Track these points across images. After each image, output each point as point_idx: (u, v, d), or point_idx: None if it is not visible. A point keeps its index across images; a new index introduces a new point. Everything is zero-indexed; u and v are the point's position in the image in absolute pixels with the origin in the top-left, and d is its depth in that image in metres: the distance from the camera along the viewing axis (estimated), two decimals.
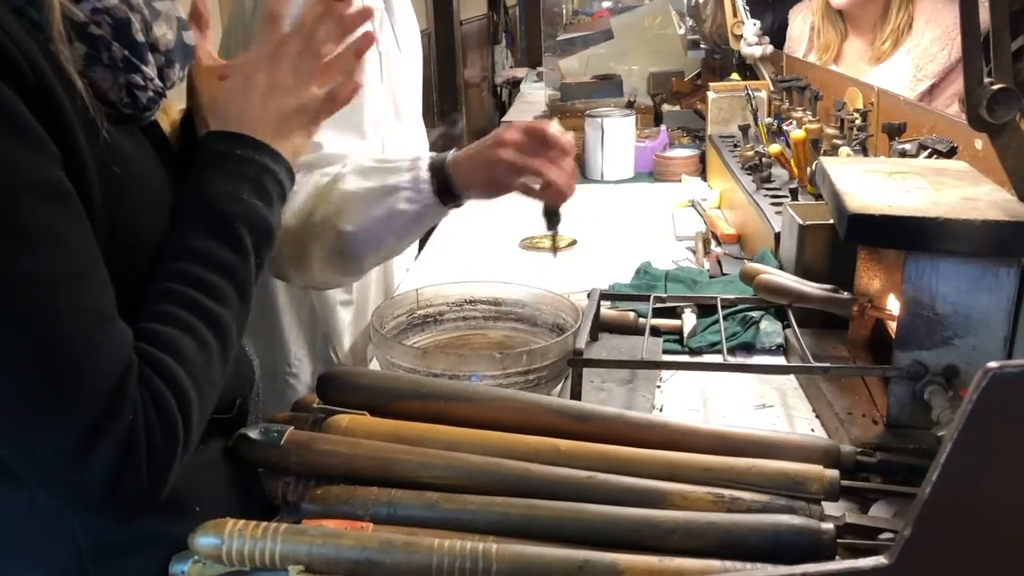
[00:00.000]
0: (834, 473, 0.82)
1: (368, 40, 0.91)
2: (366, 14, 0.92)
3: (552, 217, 1.54)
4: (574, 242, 1.79)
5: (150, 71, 0.77)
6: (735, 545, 0.75)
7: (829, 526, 0.75)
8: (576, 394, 1.03)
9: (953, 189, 0.99)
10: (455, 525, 0.79)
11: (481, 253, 1.76)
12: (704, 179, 2.23)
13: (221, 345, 0.78)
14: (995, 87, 0.89)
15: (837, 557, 0.78)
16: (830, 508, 0.83)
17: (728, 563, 0.72)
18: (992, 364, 0.54)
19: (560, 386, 1.12)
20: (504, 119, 1.76)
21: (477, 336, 1.26)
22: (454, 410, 0.92)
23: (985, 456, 0.55)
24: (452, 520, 0.80)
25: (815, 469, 0.82)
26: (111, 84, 0.74)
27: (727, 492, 0.81)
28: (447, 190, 1.12)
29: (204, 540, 0.73)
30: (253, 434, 0.86)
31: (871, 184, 1.01)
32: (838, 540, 0.77)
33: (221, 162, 0.83)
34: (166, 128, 0.98)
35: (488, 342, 1.25)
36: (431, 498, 0.81)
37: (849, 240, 0.92)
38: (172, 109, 1.00)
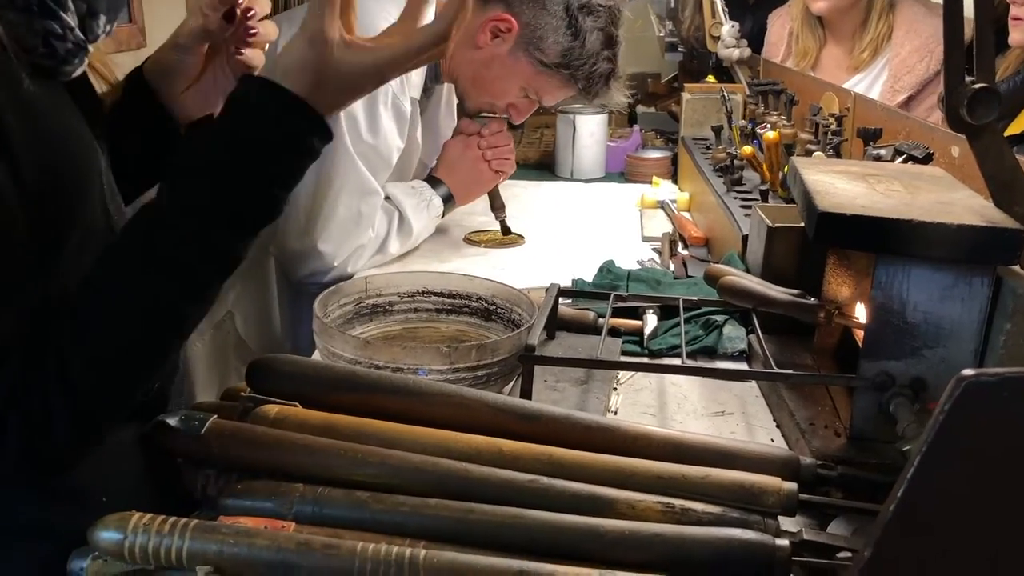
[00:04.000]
0: (792, 486, 0.77)
1: None
2: None
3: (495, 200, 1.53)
4: (522, 239, 1.73)
5: (69, 19, 0.70)
6: (683, 559, 0.70)
7: (784, 542, 0.70)
8: (526, 392, 0.98)
9: (928, 193, 0.95)
10: (385, 528, 0.73)
11: (436, 246, 1.69)
12: (675, 182, 2.18)
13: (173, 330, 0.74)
14: (976, 86, 0.85)
15: None
16: (787, 523, 0.78)
17: None
18: (967, 372, 0.49)
19: (512, 384, 1.06)
20: (481, 115, 1.72)
21: (428, 329, 1.20)
22: (393, 405, 0.86)
23: (956, 473, 0.50)
24: (382, 522, 0.74)
25: (772, 481, 0.77)
26: (25, 31, 0.68)
27: (678, 502, 0.75)
28: None
29: (105, 534, 0.67)
30: (172, 421, 0.80)
31: (844, 185, 0.97)
32: (793, 558, 0.72)
33: (291, 141, 0.74)
34: (100, 89, 0.91)
35: (439, 335, 1.19)
36: (360, 498, 0.75)
37: (818, 241, 0.88)
38: (110, 67, 0.93)
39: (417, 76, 1.54)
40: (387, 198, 1.56)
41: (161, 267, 0.70)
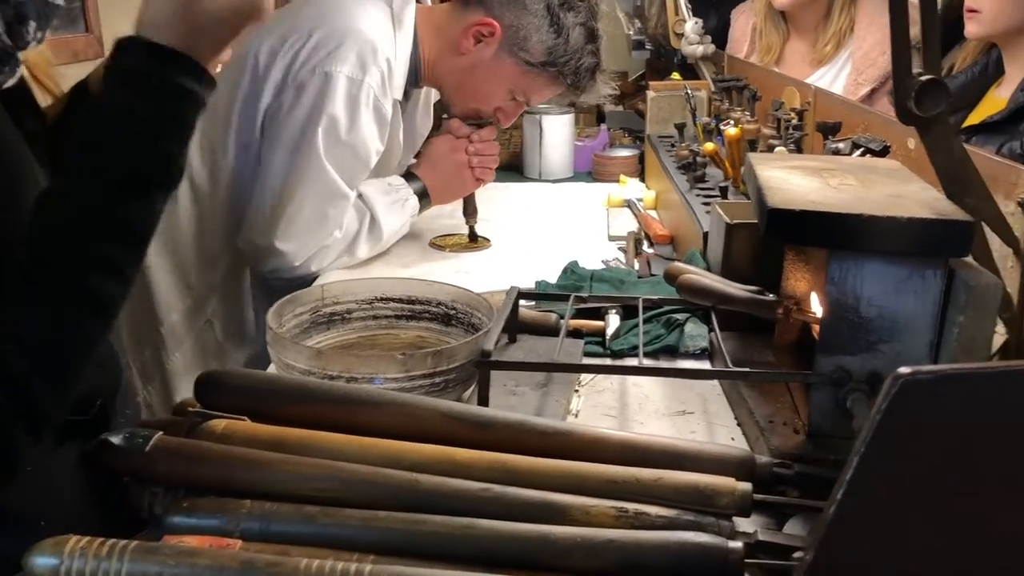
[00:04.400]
0: (746, 486, 0.76)
1: None
2: None
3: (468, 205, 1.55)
4: (486, 240, 1.72)
5: None
6: (636, 565, 0.69)
7: (737, 545, 0.69)
8: (483, 399, 0.97)
9: (882, 187, 0.95)
10: (334, 542, 0.72)
11: (400, 250, 1.67)
12: (643, 180, 2.18)
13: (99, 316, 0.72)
14: (923, 78, 0.85)
15: None
16: (743, 524, 0.77)
17: None
18: (903, 369, 0.48)
19: (471, 391, 1.05)
20: (444, 116, 1.71)
21: (388, 336, 1.19)
22: (344, 416, 0.84)
23: (894, 473, 0.49)
24: (330, 537, 0.72)
25: (727, 482, 0.76)
26: None
27: (632, 506, 0.74)
28: None
29: (40, 560, 0.65)
30: (116, 439, 0.78)
31: (797, 180, 0.96)
32: (749, 559, 0.71)
33: (153, 92, 0.71)
34: (45, 102, 0.89)
35: (399, 343, 1.18)
36: (309, 512, 0.73)
37: (769, 236, 0.87)
38: (56, 80, 0.91)
39: (399, 79, 1.53)
40: (360, 196, 1.54)
41: (70, 248, 0.69)
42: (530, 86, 1.58)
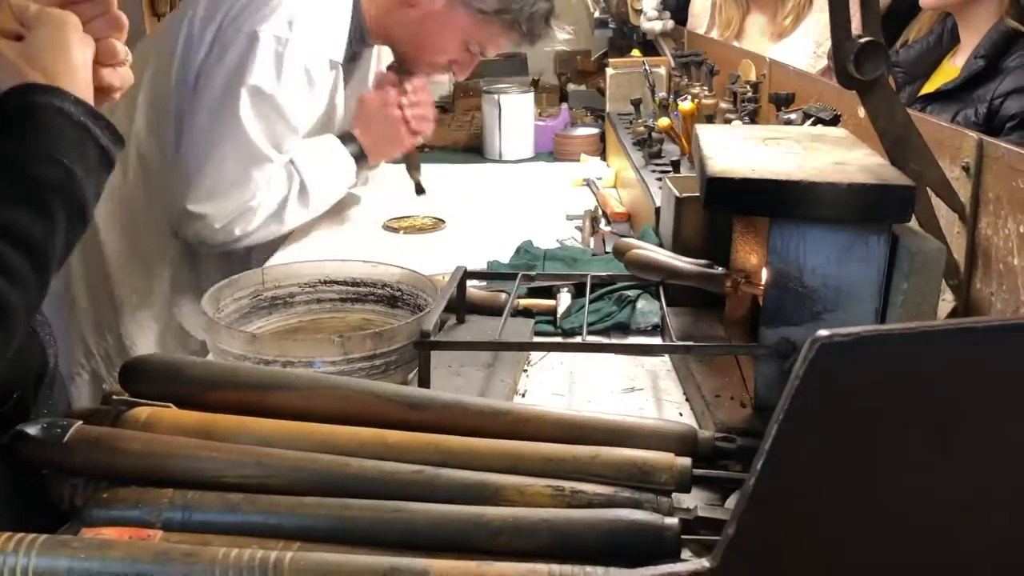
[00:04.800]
0: (685, 461, 0.74)
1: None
2: None
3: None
4: (441, 222, 1.69)
5: None
6: (569, 545, 0.67)
7: (672, 521, 0.67)
8: (424, 380, 0.94)
9: (826, 154, 0.93)
10: (259, 530, 0.69)
11: (344, 236, 1.64)
12: (604, 159, 2.16)
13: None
14: (862, 40, 0.83)
15: (686, 554, 0.70)
16: (685, 500, 0.75)
17: (556, 567, 0.63)
18: (821, 333, 0.46)
19: (413, 373, 1.02)
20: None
21: (333, 320, 1.15)
22: (275, 401, 0.81)
23: (813, 439, 0.47)
24: (255, 525, 0.70)
25: (665, 457, 0.74)
26: None
27: (568, 484, 0.72)
28: None
29: None
30: (32, 430, 0.75)
31: (741, 149, 0.94)
32: (688, 536, 0.69)
33: (39, 117, 0.72)
34: None
35: (344, 326, 1.15)
36: (232, 500, 0.71)
37: (709, 206, 0.85)
38: None
39: (338, 38, 1.48)
40: (291, 160, 1.49)
41: None
42: (484, 35, 1.55)
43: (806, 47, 2.19)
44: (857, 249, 0.84)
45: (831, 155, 0.92)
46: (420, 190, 1.69)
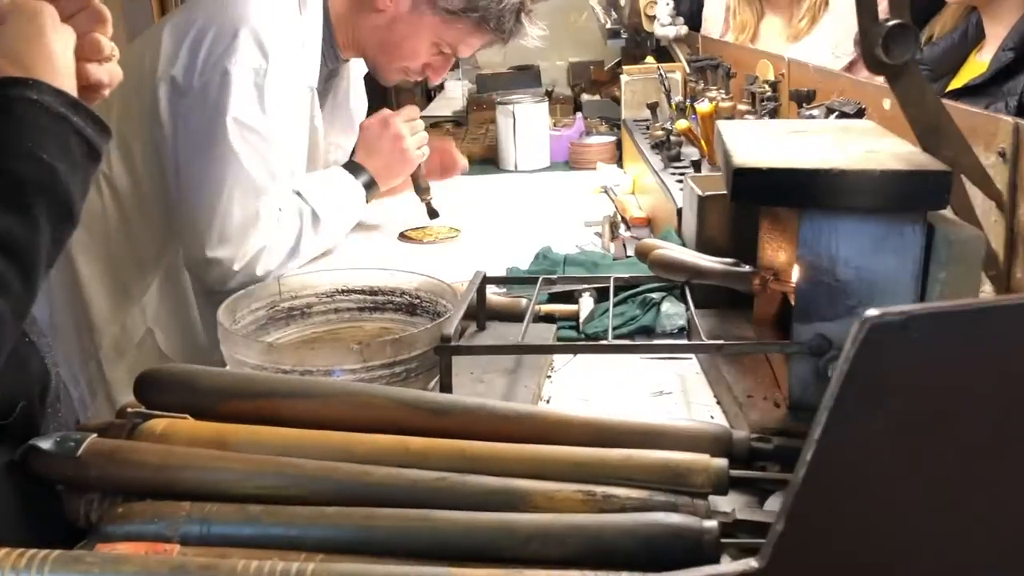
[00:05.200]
0: (721, 462, 0.71)
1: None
2: None
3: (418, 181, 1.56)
4: (456, 232, 1.67)
5: None
6: (604, 551, 0.64)
7: (712, 524, 0.64)
8: (446, 386, 0.91)
9: (855, 144, 0.90)
10: (279, 542, 0.67)
11: (359, 247, 1.62)
12: (621, 166, 2.13)
13: None
14: (891, 23, 0.80)
15: (724, 559, 0.67)
16: (722, 503, 0.72)
17: (591, 574, 0.60)
18: (871, 312, 0.43)
19: (435, 381, 1.00)
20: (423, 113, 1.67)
21: (351, 329, 1.13)
22: (292, 410, 0.79)
23: (865, 426, 0.44)
24: (275, 537, 0.67)
25: (700, 459, 0.71)
26: None
27: (599, 489, 0.69)
28: None
29: None
30: (45, 444, 0.73)
31: (767, 141, 0.91)
32: (727, 539, 0.66)
33: (14, 111, 0.69)
34: None
35: (363, 335, 1.12)
36: (252, 512, 0.68)
37: (736, 199, 0.82)
38: None
39: (311, 63, 1.47)
40: (298, 194, 1.48)
41: None
42: (454, 36, 1.53)
43: (823, 48, 2.16)
44: (892, 239, 0.81)
45: (861, 144, 0.89)
46: (433, 213, 1.67)
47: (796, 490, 0.45)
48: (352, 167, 1.58)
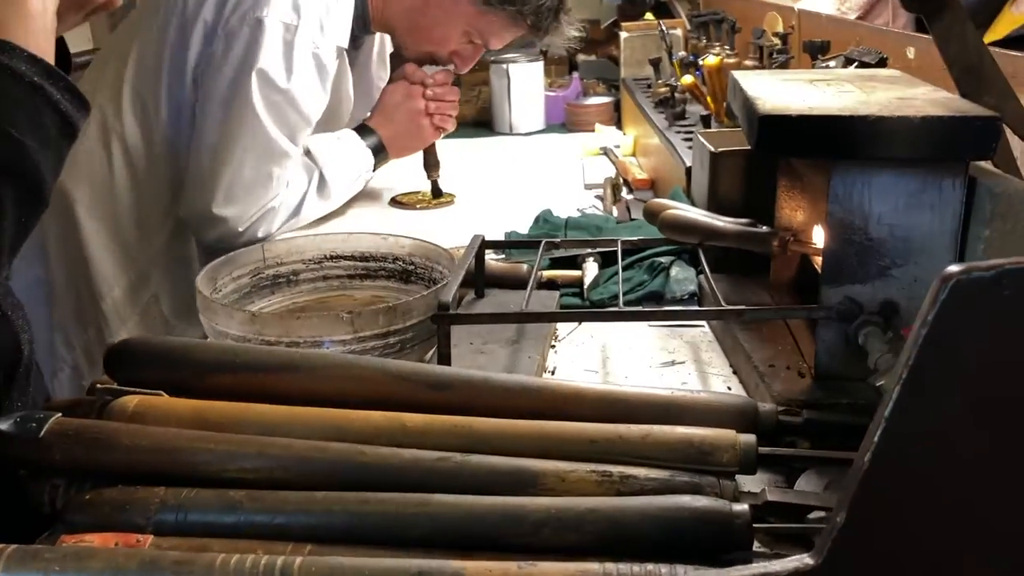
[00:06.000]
0: (750, 438, 0.65)
1: None
2: None
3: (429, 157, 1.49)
4: (452, 198, 1.60)
5: None
6: (624, 538, 0.57)
7: (743, 507, 0.58)
8: (444, 357, 0.85)
9: (884, 91, 0.83)
10: (264, 532, 0.60)
11: (348, 212, 1.54)
12: (620, 128, 2.06)
13: None
14: None
15: (756, 546, 0.61)
16: (748, 482, 0.66)
17: (611, 565, 0.54)
18: (953, 268, 0.37)
19: (432, 352, 0.93)
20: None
21: (341, 298, 1.06)
22: (278, 384, 0.72)
23: (948, 400, 0.37)
24: (260, 525, 0.60)
25: (727, 435, 0.65)
26: None
27: (616, 469, 0.63)
28: None
29: None
30: (3, 425, 0.66)
31: (790, 90, 0.84)
32: (757, 524, 0.60)
33: None
34: None
35: (354, 304, 1.06)
36: (233, 498, 0.62)
37: (761, 149, 0.75)
38: None
39: (343, 25, 1.39)
40: (307, 153, 1.41)
41: None
42: (487, 27, 1.46)
43: (828, 4, 2.08)
44: (929, 194, 0.74)
45: (891, 92, 0.82)
46: (438, 191, 1.59)
47: (861, 476, 0.39)
48: (364, 131, 1.50)
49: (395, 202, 1.58)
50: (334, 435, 0.67)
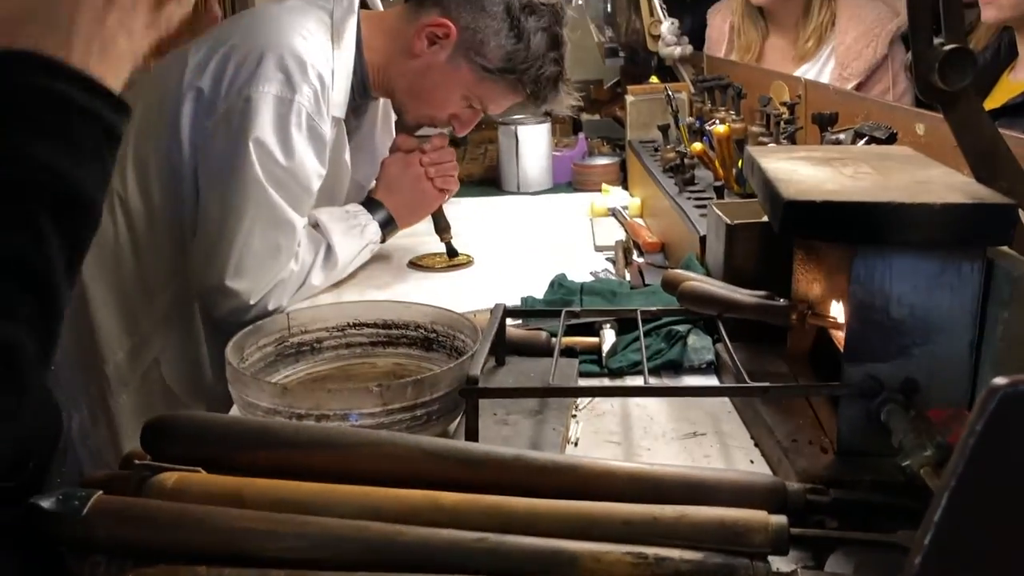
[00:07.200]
0: (781, 520, 0.66)
1: None
2: None
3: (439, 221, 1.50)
4: (470, 259, 1.62)
5: None
6: None
7: None
8: (472, 431, 0.86)
9: (901, 173, 0.85)
10: None
11: (375, 272, 1.57)
12: (626, 187, 2.09)
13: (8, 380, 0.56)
14: (947, 48, 0.76)
15: None
16: (779, 563, 0.67)
17: None
18: (1000, 381, 0.39)
19: (457, 422, 0.94)
20: (419, 134, 1.59)
21: (363, 366, 1.08)
22: (313, 461, 0.74)
23: (995, 509, 0.39)
24: None
25: (758, 516, 0.66)
26: None
27: (651, 551, 0.64)
28: None
29: None
30: (47, 503, 0.67)
31: (808, 170, 0.87)
32: None
33: (20, 101, 0.57)
34: None
35: (376, 373, 1.07)
36: None
37: (785, 233, 0.77)
38: None
39: (339, 95, 1.42)
40: (316, 225, 1.43)
41: None
42: (487, 93, 1.49)
43: (830, 70, 2.13)
44: (948, 276, 0.77)
45: (907, 174, 0.85)
46: (452, 252, 1.61)
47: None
48: (372, 204, 1.52)
49: (412, 264, 1.60)
50: (370, 513, 0.68)
